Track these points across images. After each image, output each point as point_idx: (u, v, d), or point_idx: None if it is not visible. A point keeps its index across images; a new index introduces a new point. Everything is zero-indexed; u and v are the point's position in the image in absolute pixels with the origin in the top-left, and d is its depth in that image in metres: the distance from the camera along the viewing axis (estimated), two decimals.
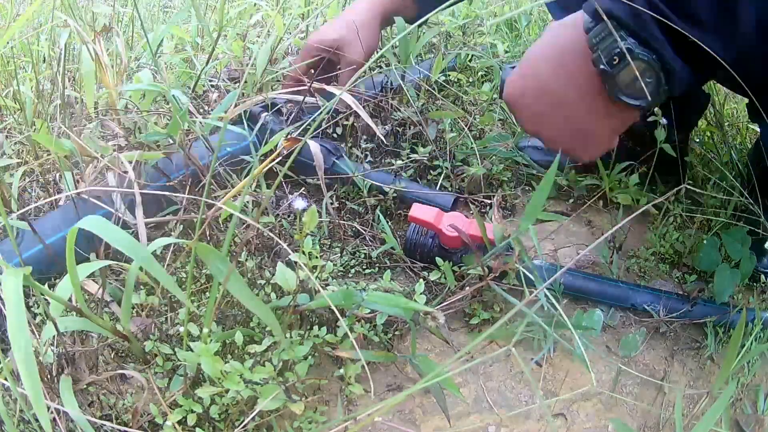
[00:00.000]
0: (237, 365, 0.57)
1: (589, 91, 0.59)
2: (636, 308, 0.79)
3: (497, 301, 0.79)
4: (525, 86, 0.63)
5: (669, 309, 0.77)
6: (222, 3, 0.93)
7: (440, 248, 0.81)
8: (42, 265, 0.75)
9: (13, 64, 0.96)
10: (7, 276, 0.45)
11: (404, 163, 0.97)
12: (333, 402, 0.68)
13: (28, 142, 0.93)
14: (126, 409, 0.64)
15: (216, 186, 0.85)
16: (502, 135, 1.08)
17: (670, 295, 0.79)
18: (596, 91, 0.59)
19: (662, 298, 0.78)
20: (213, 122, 0.80)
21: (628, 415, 0.71)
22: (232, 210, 0.53)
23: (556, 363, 0.75)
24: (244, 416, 0.59)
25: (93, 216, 0.50)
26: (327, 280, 0.77)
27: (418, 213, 0.80)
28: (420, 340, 0.77)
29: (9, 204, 0.83)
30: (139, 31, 1.32)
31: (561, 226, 0.96)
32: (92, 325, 0.59)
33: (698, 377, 0.76)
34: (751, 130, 1.14)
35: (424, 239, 0.82)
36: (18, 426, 0.61)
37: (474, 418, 0.69)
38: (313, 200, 0.93)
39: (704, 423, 0.51)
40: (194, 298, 0.75)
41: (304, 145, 0.58)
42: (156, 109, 0.94)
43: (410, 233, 0.83)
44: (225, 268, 0.52)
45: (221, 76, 1.15)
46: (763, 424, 0.71)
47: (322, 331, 0.67)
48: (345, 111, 1.00)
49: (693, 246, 0.89)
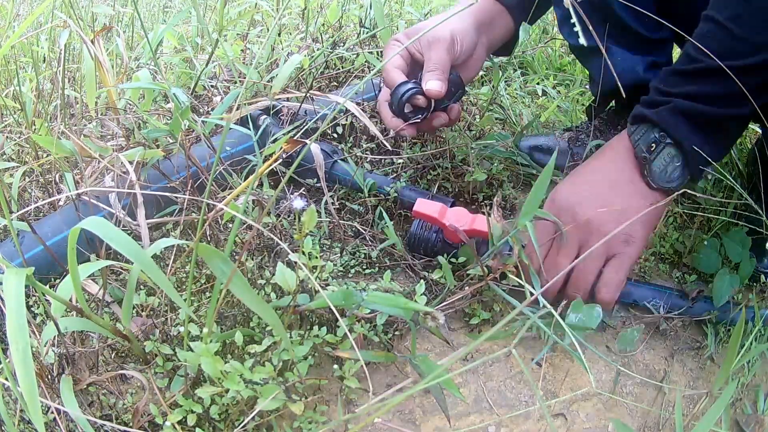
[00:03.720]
0: (237, 365, 0.57)
1: (632, 177, 0.73)
2: (637, 305, 0.79)
3: (497, 301, 0.79)
4: (581, 181, 0.75)
5: (670, 306, 0.77)
6: (222, 3, 0.93)
7: (444, 243, 0.82)
8: (42, 266, 0.75)
9: (14, 63, 0.96)
10: (8, 276, 0.45)
11: (404, 163, 0.97)
12: (333, 402, 0.69)
13: (28, 143, 0.93)
14: (126, 409, 0.64)
15: (215, 186, 0.85)
16: (502, 135, 1.08)
17: (671, 291, 0.79)
18: (638, 178, 0.73)
19: (664, 294, 0.78)
20: (215, 120, 0.80)
21: (628, 415, 0.71)
22: (235, 212, 0.53)
23: (556, 363, 0.75)
24: (244, 416, 0.59)
25: (94, 217, 0.50)
26: (327, 280, 0.77)
27: (422, 208, 0.80)
28: (420, 340, 0.77)
29: (9, 204, 0.83)
30: (139, 31, 1.33)
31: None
32: (93, 326, 0.60)
33: (698, 377, 0.76)
34: (752, 130, 1.14)
35: (428, 234, 0.82)
36: (18, 426, 0.61)
37: (474, 418, 0.69)
38: (313, 200, 0.93)
39: (704, 423, 0.51)
40: (194, 298, 0.75)
41: (303, 147, 0.59)
42: (156, 109, 0.94)
43: (414, 228, 0.83)
44: (227, 268, 0.52)
45: (221, 77, 1.15)
46: (763, 424, 0.71)
47: (322, 332, 0.67)
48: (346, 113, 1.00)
49: (693, 246, 0.89)
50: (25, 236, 0.74)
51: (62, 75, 0.89)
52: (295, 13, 1.47)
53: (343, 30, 1.38)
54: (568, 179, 0.76)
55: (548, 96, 1.43)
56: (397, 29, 1.38)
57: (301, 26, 1.35)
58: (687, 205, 0.93)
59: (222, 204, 0.56)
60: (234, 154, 0.92)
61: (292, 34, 1.33)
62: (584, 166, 0.77)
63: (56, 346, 0.63)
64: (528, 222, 0.67)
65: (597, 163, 0.76)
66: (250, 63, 1.17)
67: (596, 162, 0.76)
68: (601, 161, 0.76)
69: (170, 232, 0.84)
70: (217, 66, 1.15)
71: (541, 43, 1.63)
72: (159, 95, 1.10)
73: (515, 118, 1.24)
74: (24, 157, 0.96)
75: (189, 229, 0.84)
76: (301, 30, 1.33)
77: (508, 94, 1.32)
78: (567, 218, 0.72)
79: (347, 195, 0.94)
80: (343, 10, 1.42)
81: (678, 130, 0.69)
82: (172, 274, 0.77)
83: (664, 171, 0.71)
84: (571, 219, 0.71)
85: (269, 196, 0.82)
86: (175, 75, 1.18)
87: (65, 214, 0.80)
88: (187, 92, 0.94)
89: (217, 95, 1.05)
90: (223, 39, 1.21)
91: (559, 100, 1.37)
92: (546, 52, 1.61)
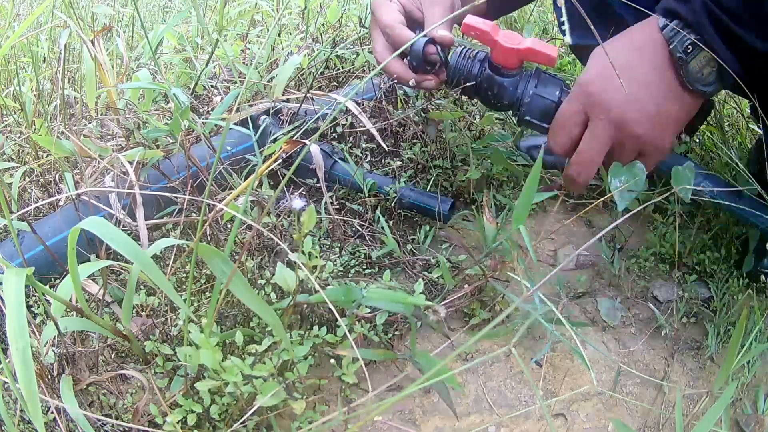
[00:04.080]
0: (237, 361, 0.57)
1: (666, 76, 0.70)
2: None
3: (497, 301, 0.79)
4: (613, 74, 0.71)
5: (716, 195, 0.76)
6: (222, 3, 0.93)
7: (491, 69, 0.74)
8: (42, 266, 0.75)
9: (14, 63, 0.96)
10: (8, 276, 0.45)
11: (403, 164, 0.97)
12: (333, 402, 0.69)
13: (28, 143, 0.93)
14: (126, 409, 0.64)
15: (215, 186, 0.85)
16: (502, 135, 1.08)
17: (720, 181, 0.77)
18: (672, 77, 0.70)
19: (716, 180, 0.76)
20: (215, 121, 0.80)
21: (628, 415, 0.71)
22: (235, 212, 0.53)
23: (556, 363, 0.75)
24: (243, 415, 0.59)
25: (94, 217, 0.50)
26: (327, 280, 0.77)
27: (472, 21, 0.72)
28: (420, 339, 0.77)
29: (9, 204, 0.83)
30: (139, 31, 1.33)
31: (561, 226, 0.96)
32: (93, 325, 0.60)
33: (698, 377, 0.76)
34: (752, 130, 1.14)
35: (471, 64, 0.75)
36: (18, 426, 0.61)
37: (474, 418, 0.69)
38: (313, 200, 0.93)
39: (704, 423, 0.51)
40: (194, 299, 0.75)
41: (302, 147, 0.59)
42: (156, 109, 0.94)
43: (455, 59, 0.75)
44: (227, 268, 0.52)
45: (221, 77, 1.15)
46: (763, 424, 0.71)
47: (322, 331, 0.67)
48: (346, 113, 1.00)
49: (693, 246, 0.89)
50: (25, 236, 0.74)
51: (62, 75, 0.89)
52: (295, 13, 1.47)
53: (343, 29, 1.38)
54: (599, 70, 0.73)
55: None
56: None
57: (301, 26, 1.35)
58: (687, 205, 0.93)
59: (222, 204, 0.56)
60: (234, 154, 0.92)
61: (292, 34, 1.33)
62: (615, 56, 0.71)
63: (56, 346, 0.63)
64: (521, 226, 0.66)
65: (630, 57, 0.72)
66: (250, 63, 1.17)
67: (629, 55, 0.72)
68: (634, 55, 0.72)
69: (170, 232, 0.84)
70: (217, 66, 1.14)
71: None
72: (159, 95, 1.10)
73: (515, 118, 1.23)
74: (24, 157, 0.96)
75: (189, 229, 0.84)
76: (301, 30, 1.32)
77: None
78: (599, 111, 0.71)
79: (347, 195, 0.94)
80: (343, 10, 1.42)
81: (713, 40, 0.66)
82: (172, 275, 0.77)
83: (700, 73, 0.69)
84: (604, 114, 0.71)
85: (269, 196, 0.82)
86: (175, 75, 1.18)
87: (65, 214, 0.80)
88: (187, 92, 0.94)
89: (217, 95, 1.05)
90: (223, 39, 1.21)
91: None
92: None
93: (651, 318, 0.82)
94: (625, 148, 0.72)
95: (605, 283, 0.88)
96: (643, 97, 0.70)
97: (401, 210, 0.91)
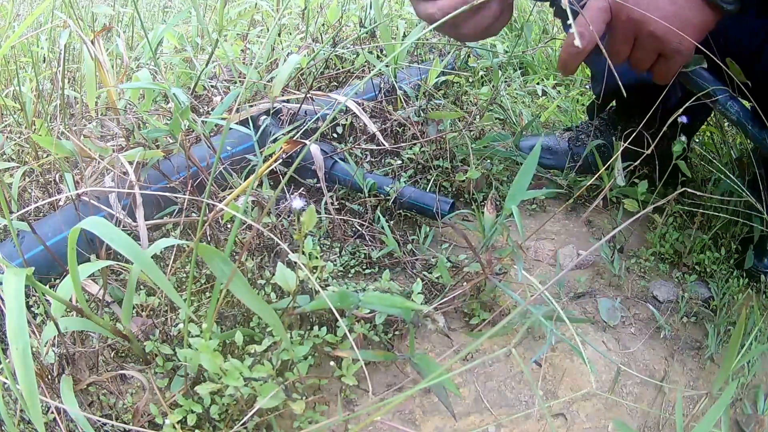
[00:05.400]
0: (236, 363, 0.57)
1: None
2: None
3: (496, 302, 0.79)
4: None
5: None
6: (222, 3, 0.93)
7: None
8: (42, 266, 0.75)
9: (14, 63, 0.96)
10: (8, 276, 0.45)
11: (403, 163, 0.97)
12: (333, 402, 0.69)
13: (28, 143, 0.93)
14: (126, 409, 0.64)
15: (215, 186, 0.85)
16: (502, 134, 1.08)
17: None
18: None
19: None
20: (215, 121, 0.80)
21: (628, 415, 0.71)
22: (235, 212, 0.53)
23: (556, 363, 0.75)
24: (243, 416, 0.59)
25: (94, 217, 0.50)
26: (327, 280, 0.77)
27: None
28: (419, 340, 0.77)
29: (9, 204, 0.83)
30: (139, 31, 1.33)
31: (561, 226, 0.96)
32: (93, 326, 0.60)
33: (698, 377, 0.76)
34: None
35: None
36: (18, 426, 0.61)
37: (474, 418, 0.69)
38: (313, 200, 0.93)
39: (704, 423, 0.51)
40: (194, 299, 0.75)
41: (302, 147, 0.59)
42: (156, 109, 0.94)
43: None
44: (227, 268, 0.52)
45: (221, 77, 1.15)
46: (763, 425, 0.71)
47: (322, 332, 0.67)
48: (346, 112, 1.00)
49: (693, 246, 0.89)
50: (25, 236, 0.74)
51: (62, 75, 0.89)
52: (295, 13, 1.47)
53: (343, 29, 1.38)
54: None
55: (548, 96, 1.43)
56: (396, 29, 1.38)
57: (301, 26, 1.35)
58: (687, 205, 0.93)
59: (222, 204, 0.56)
60: (234, 154, 0.92)
61: (292, 34, 1.33)
62: None
63: (56, 346, 0.63)
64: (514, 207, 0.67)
65: None
66: (250, 63, 1.17)
67: None
68: None
69: (170, 232, 0.84)
70: (217, 66, 1.15)
71: (541, 43, 1.63)
72: (159, 95, 1.10)
73: (515, 118, 1.24)
74: (24, 157, 0.96)
75: (189, 230, 0.84)
76: (301, 30, 1.33)
77: (508, 94, 1.32)
78: (621, 13, 0.73)
79: (347, 195, 0.94)
80: (343, 10, 1.42)
81: None
82: (172, 275, 0.77)
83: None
84: (625, 15, 0.73)
85: (269, 196, 0.82)
86: (175, 75, 1.18)
87: (65, 214, 0.80)
88: (187, 92, 0.94)
89: (217, 95, 1.05)
90: (223, 39, 1.21)
91: (559, 100, 1.37)
92: (546, 52, 1.61)
93: (651, 318, 0.82)
94: (645, 47, 0.74)
95: (605, 283, 0.88)
96: (665, 4, 0.72)
97: (401, 210, 0.91)
